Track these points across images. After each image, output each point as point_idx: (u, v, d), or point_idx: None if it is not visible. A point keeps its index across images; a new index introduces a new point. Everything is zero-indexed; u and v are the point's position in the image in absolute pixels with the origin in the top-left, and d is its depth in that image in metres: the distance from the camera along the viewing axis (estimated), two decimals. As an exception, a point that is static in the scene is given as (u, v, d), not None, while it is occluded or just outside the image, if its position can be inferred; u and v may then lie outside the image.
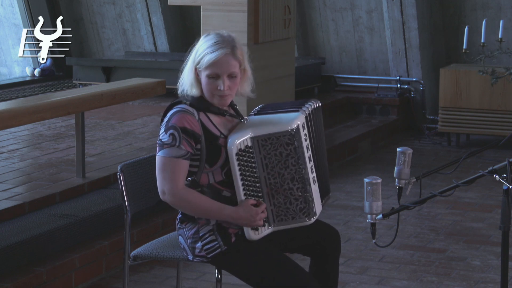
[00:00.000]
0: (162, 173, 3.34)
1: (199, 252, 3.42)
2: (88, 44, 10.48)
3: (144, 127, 7.48)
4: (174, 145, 3.32)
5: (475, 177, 3.29)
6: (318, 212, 3.47)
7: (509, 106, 8.16)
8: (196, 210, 3.36)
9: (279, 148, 3.35)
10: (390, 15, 8.96)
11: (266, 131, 3.35)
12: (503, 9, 8.89)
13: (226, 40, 3.37)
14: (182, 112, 3.36)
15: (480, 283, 4.87)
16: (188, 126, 3.33)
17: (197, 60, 3.38)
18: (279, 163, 3.36)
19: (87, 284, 4.81)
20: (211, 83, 3.37)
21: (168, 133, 3.34)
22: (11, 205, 5.01)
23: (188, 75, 3.43)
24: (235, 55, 3.37)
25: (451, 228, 5.89)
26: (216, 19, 6.60)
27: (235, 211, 3.33)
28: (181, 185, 3.33)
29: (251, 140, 3.34)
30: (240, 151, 3.32)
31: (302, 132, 3.38)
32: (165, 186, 3.33)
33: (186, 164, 3.34)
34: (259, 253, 3.38)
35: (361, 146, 8.17)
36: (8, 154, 6.35)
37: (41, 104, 5.19)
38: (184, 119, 3.33)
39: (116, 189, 5.37)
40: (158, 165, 3.36)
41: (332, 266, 3.62)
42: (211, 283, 4.73)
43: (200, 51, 3.38)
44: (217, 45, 3.35)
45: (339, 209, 6.28)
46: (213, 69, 3.35)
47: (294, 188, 3.38)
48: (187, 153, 3.33)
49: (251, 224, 3.33)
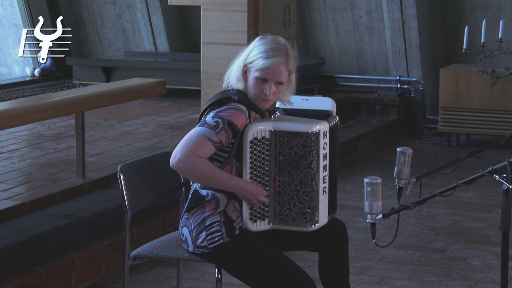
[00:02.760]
0: (186, 141, 3.37)
1: (201, 242, 3.43)
2: (88, 44, 10.48)
3: (144, 127, 7.48)
4: (214, 129, 3.36)
5: (475, 177, 3.29)
6: (322, 222, 3.46)
7: (509, 106, 8.16)
8: (204, 176, 3.38)
9: (295, 147, 3.36)
10: (390, 15, 8.96)
11: (287, 127, 3.37)
12: (503, 9, 8.89)
13: (282, 49, 3.43)
14: (237, 110, 3.40)
15: (480, 283, 4.87)
16: (237, 123, 3.38)
17: (250, 60, 3.45)
18: (292, 162, 3.37)
19: (87, 284, 4.81)
20: (258, 86, 3.43)
21: (215, 119, 3.38)
22: (11, 205, 5.01)
23: (237, 70, 3.49)
24: (287, 65, 3.44)
25: (451, 228, 5.89)
26: (216, 19, 6.60)
27: (244, 182, 3.37)
28: (196, 156, 3.35)
29: (269, 133, 3.37)
30: (255, 139, 3.35)
31: (322, 139, 3.39)
32: (181, 152, 3.35)
33: (212, 150, 3.37)
34: (259, 250, 3.40)
35: (361, 146, 8.18)
36: (8, 154, 6.36)
37: (41, 104, 5.19)
38: (236, 116, 3.38)
39: (116, 189, 5.37)
40: (188, 135, 3.39)
41: (341, 260, 3.62)
42: (211, 283, 4.73)
43: (255, 52, 3.44)
44: (274, 52, 3.41)
45: (339, 209, 6.23)
46: (264, 73, 3.41)
47: (301, 190, 3.38)
48: (220, 143, 3.37)
49: (253, 201, 3.36)
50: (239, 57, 3.51)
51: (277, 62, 3.41)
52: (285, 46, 3.45)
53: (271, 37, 3.47)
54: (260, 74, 3.41)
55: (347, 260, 3.65)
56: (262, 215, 3.41)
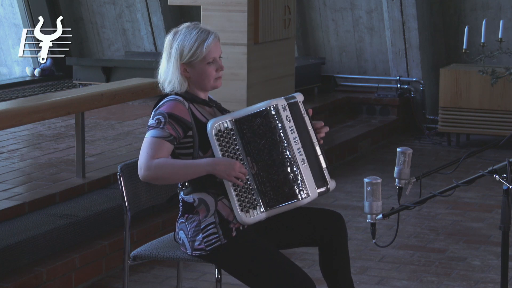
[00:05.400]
0: (142, 151, 3.39)
1: (198, 244, 3.43)
2: (88, 44, 10.48)
3: (144, 127, 7.48)
4: (157, 127, 3.39)
5: (475, 177, 3.29)
6: (312, 193, 3.43)
7: (509, 106, 8.16)
8: (174, 170, 3.36)
9: (261, 126, 3.38)
10: (390, 15, 8.96)
11: (246, 112, 3.41)
12: (503, 9, 8.89)
13: (204, 28, 3.50)
14: (173, 100, 3.45)
15: (480, 283, 4.87)
16: (177, 113, 3.41)
17: (188, 56, 3.46)
18: (263, 142, 3.38)
19: (87, 284, 4.81)
20: (211, 69, 3.49)
21: (155, 118, 3.43)
22: (11, 205, 5.01)
23: (174, 74, 3.51)
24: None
25: (451, 228, 5.89)
26: (216, 19, 6.60)
27: (213, 159, 3.36)
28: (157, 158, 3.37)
29: (230, 123, 3.38)
30: (219, 132, 3.36)
31: (283, 112, 3.41)
32: (142, 161, 3.36)
33: (168, 145, 3.38)
34: (257, 250, 3.39)
35: (361, 146, 8.18)
36: (8, 154, 6.36)
37: (41, 104, 5.19)
38: (173, 107, 3.42)
39: (116, 189, 5.37)
40: (142, 147, 3.41)
41: (341, 252, 3.61)
42: (211, 283, 4.73)
43: (187, 47, 3.46)
44: (202, 34, 3.47)
45: (339, 209, 6.27)
46: (212, 54, 3.48)
47: (281, 166, 3.38)
48: (170, 135, 3.38)
49: (229, 174, 3.32)
50: (168, 64, 3.52)
51: (213, 40, 3.48)
52: (197, 25, 3.52)
53: (186, 27, 3.50)
54: (210, 57, 3.46)
55: (347, 252, 3.65)
56: (251, 204, 3.38)
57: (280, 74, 7.20)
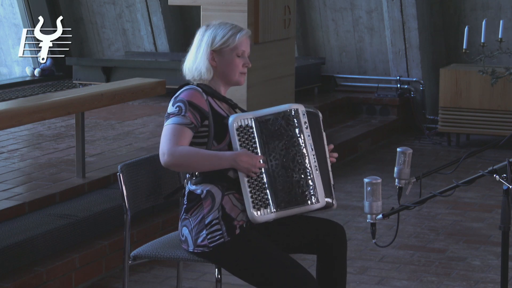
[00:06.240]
0: (165, 137, 3.41)
1: (202, 241, 3.43)
2: (88, 44, 10.48)
3: (144, 127, 7.48)
4: (179, 114, 3.42)
5: (475, 177, 3.29)
6: (321, 200, 3.45)
7: (509, 106, 8.16)
8: (198, 162, 3.39)
9: (280, 128, 3.41)
10: (390, 15, 8.96)
11: (267, 112, 3.44)
12: (503, 9, 8.89)
13: (235, 25, 3.58)
14: (191, 89, 3.48)
15: (480, 283, 4.87)
16: (195, 101, 3.44)
17: (219, 43, 3.51)
18: (280, 143, 3.41)
19: (87, 284, 4.81)
20: (238, 62, 3.54)
21: (175, 105, 3.45)
22: (11, 205, 5.01)
23: (202, 60, 3.54)
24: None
25: (451, 228, 5.89)
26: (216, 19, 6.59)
27: (236, 153, 3.38)
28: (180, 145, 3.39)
29: (251, 120, 3.41)
30: (240, 127, 3.39)
31: (302, 117, 3.45)
32: (165, 147, 3.39)
33: (190, 133, 3.41)
34: (260, 248, 3.40)
35: (361, 146, 8.18)
36: (8, 154, 6.36)
37: (41, 104, 5.19)
38: (192, 95, 3.45)
39: (116, 189, 5.37)
40: (163, 133, 3.43)
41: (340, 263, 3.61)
42: (211, 283, 4.73)
43: (220, 35, 3.53)
44: (235, 28, 3.55)
45: (339, 209, 6.28)
46: (243, 46, 3.54)
47: (295, 169, 3.40)
48: (191, 123, 3.41)
49: (250, 170, 3.36)
50: (197, 49, 3.55)
51: (246, 34, 3.55)
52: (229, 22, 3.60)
53: (215, 23, 3.58)
54: (240, 48, 3.52)
55: (345, 263, 3.65)
56: (263, 202, 3.39)
57: (280, 74, 7.19)
